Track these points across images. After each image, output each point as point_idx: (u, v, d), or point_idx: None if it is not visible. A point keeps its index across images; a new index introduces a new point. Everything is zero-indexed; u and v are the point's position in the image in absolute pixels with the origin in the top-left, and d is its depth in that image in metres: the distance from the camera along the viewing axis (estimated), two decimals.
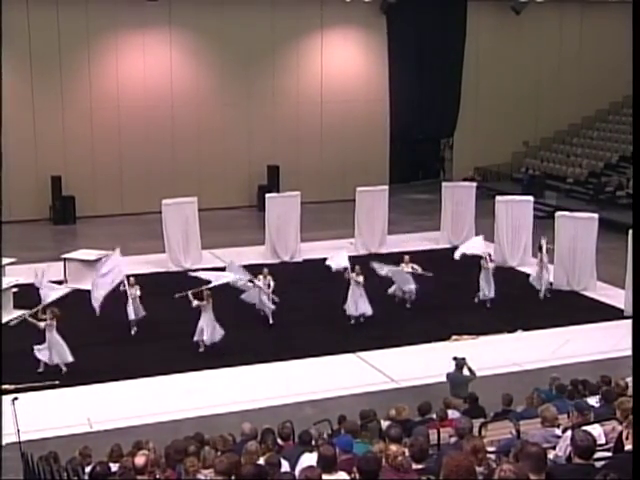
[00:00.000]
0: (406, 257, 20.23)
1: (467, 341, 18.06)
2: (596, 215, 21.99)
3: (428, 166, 38.35)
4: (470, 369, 14.00)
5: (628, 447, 6.20)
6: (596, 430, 7.73)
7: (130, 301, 18.16)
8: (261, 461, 8.13)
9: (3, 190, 27.70)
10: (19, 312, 18.14)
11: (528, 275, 21.89)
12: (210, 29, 30.50)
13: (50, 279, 18.19)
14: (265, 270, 19.04)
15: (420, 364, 16.77)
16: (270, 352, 17.34)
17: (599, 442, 7.17)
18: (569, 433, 7.48)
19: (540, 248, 20.98)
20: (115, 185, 30.27)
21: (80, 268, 21.83)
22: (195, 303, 17.25)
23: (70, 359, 16.34)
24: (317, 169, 32.54)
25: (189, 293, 17.34)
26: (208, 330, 17.28)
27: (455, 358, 14.22)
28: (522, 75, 35.02)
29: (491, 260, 20.50)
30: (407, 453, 7.53)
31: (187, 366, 16.61)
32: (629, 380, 11.60)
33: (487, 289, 20.10)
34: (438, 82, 33.57)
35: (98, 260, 21.98)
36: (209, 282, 17.81)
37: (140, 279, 21.74)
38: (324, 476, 6.74)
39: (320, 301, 20.10)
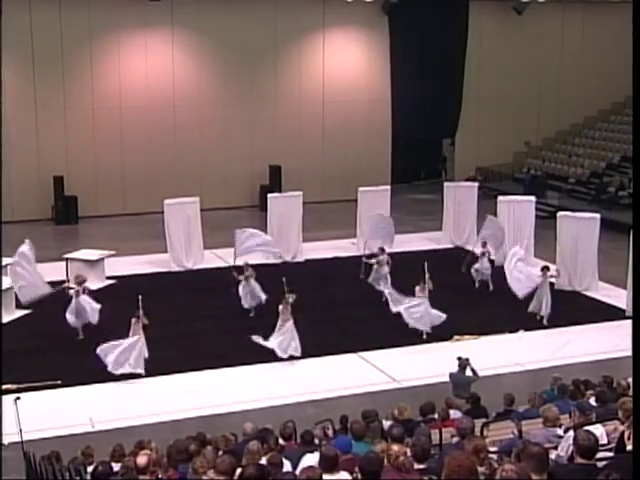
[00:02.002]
0: (417, 288, 18.69)
1: (469, 341, 18.07)
2: (598, 215, 21.96)
3: (430, 166, 38.34)
4: (473, 370, 14.01)
5: (630, 447, 6.19)
6: (598, 430, 7.73)
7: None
8: (263, 461, 8.14)
9: (6, 190, 27.78)
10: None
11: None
12: (212, 29, 30.49)
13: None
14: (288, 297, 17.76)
15: (422, 364, 16.78)
16: (272, 352, 17.31)
17: (601, 442, 7.17)
18: (571, 433, 7.49)
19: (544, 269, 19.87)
20: (117, 185, 30.29)
21: (82, 268, 21.81)
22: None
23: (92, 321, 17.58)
24: (319, 169, 32.53)
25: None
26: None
27: (459, 358, 14.22)
28: (524, 75, 34.99)
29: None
30: (409, 453, 7.54)
31: (189, 366, 16.63)
32: (631, 380, 11.62)
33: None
34: (440, 82, 33.51)
35: (100, 260, 22.06)
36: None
37: (142, 279, 21.88)
38: (326, 476, 6.74)
39: (322, 301, 20.09)
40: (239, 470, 6.99)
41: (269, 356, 17.10)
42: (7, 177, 27.65)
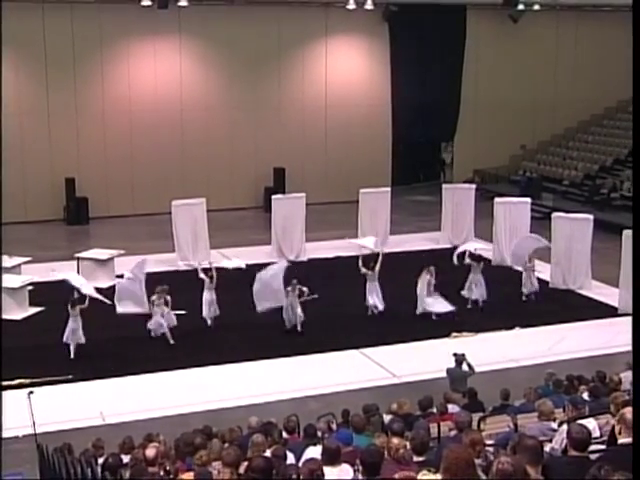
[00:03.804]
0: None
1: (466, 338, 18.06)
2: (591, 216, 21.95)
3: (429, 169, 38.33)
4: (469, 365, 14.01)
5: (621, 440, 6.19)
6: (591, 424, 7.74)
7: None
8: (267, 453, 8.15)
9: (19, 192, 27.85)
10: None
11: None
12: (219, 36, 30.51)
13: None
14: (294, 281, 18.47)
15: (421, 360, 16.78)
16: (276, 348, 17.34)
17: (594, 435, 7.17)
18: (565, 427, 7.48)
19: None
20: (127, 187, 30.31)
21: (93, 267, 21.87)
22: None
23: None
24: (322, 171, 32.54)
25: None
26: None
27: (455, 354, 14.23)
28: (520, 81, 34.97)
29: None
30: (408, 446, 7.55)
31: (195, 362, 16.64)
32: (623, 375, 11.63)
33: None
34: (438, 87, 33.56)
35: (110, 259, 22.09)
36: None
37: (150, 277, 21.84)
38: (328, 468, 6.76)
39: (324, 299, 20.07)
40: (246, 462, 7.00)
41: (273, 352, 17.14)
42: (21, 179, 27.95)
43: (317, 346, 17.49)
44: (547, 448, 7.33)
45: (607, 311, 19.64)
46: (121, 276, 21.94)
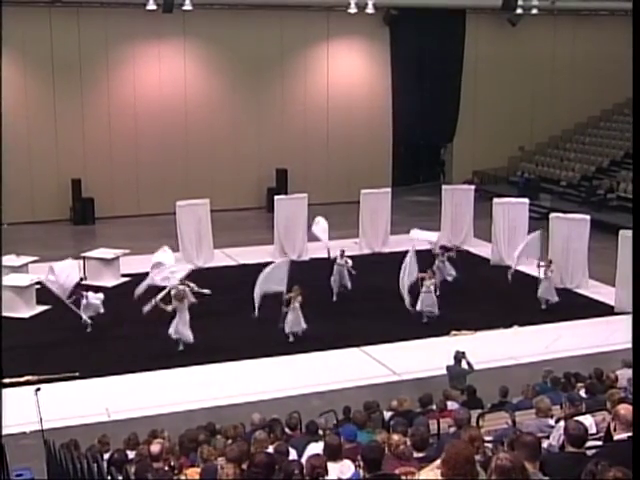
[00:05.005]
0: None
1: (466, 336, 18.05)
2: (588, 216, 21.97)
3: (429, 170, 38.33)
4: (468, 362, 14.00)
5: (617, 437, 6.20)
6: (587, 420, 7.73)
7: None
8: (270, 449, 8.16)
9: (27, 193, 27.90)
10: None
11: (524, 274, 21.79)
12: (222, 40, 30.51)
13: None
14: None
15: (421, 358, 16.77)
16: (278, 346, 17.34)
17: (590, 432, 7.18)
18: (562, 423, 7.49)
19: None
20: (132, 187, 30.31)
21: (99, 266, 21.89)
22: (170, 308, 16.89)
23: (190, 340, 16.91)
24: (323, 172, 32.54)
25: (156, 301, 16.76)
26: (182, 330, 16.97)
27: (457, 351, 14.23)
28: (518, 83, 34.96)
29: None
30: (408, 442, 7.56)
31: (199, 359, 16.65)
32: (619, 373, 11.64)
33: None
34: (438, 90, 33.56)
35: (116, 258, 22.10)
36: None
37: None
38: (330, 464, 6.77)
39: (326, 298, 20.09)
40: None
41: (277, 350, 17.15)
42: (28, 180, 28.01)
43: (319, 344, 17.48)
44: (545, 444, 7.33)
45: (604, 310, 19.63)
46: (126, 275, 22.06)
